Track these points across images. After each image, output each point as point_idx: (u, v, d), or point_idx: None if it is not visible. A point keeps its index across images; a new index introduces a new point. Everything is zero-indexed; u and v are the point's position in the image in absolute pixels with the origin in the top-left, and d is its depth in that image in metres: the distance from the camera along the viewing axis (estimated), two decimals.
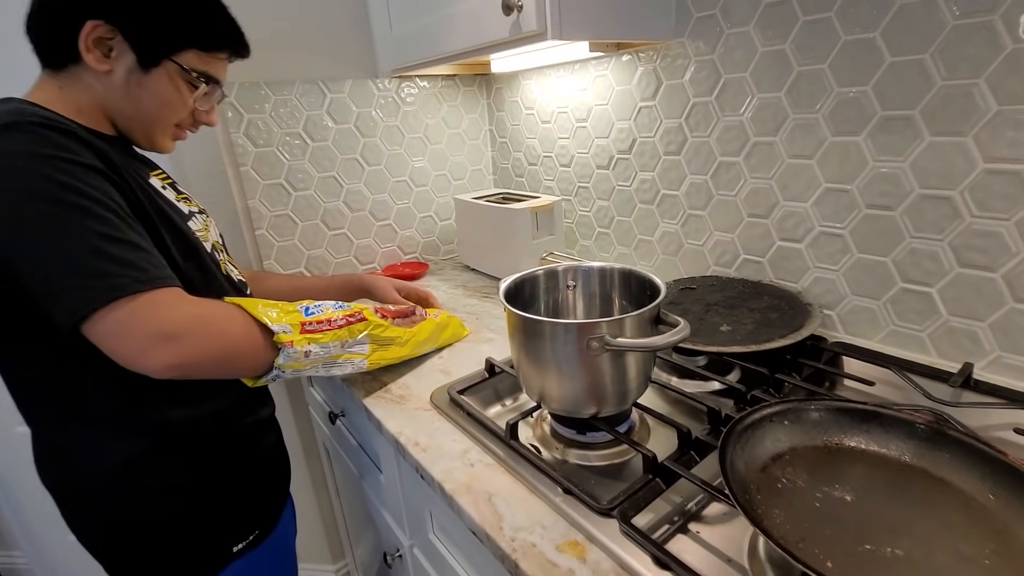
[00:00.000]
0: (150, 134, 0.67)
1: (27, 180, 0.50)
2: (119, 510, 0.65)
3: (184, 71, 0.63)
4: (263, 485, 0.77)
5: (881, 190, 0.77)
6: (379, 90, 1.29)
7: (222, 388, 0.69)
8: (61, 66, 0.60)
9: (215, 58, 0.66)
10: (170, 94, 0.64)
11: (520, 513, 0.55)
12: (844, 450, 0.53)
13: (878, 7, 0.71)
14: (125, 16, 0.58)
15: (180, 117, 0.67)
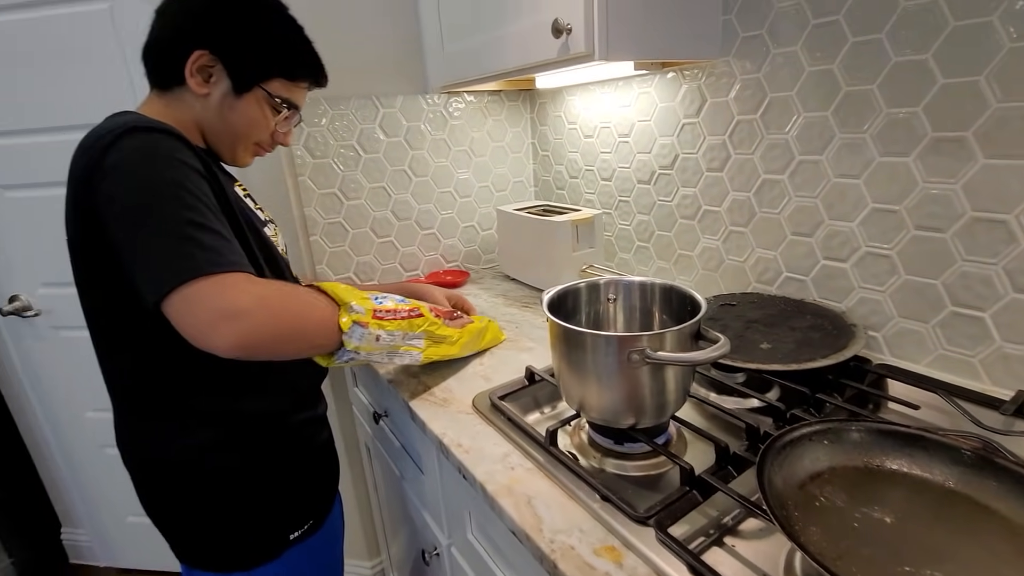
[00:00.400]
0: (234, 150, 0.75)
1: (140, 173, 0.57)
2: (189, 493, 0.71)
3: (270, 97, 0.72)
4: (317, 478, 0.82)
5: (931, 211, 0.76)
6: (428, 105, 1.35)
7: (285, 386, 0.75)
8: (168, 87, 0.70)
9: (297, 86, 0.75)
10: (256, 116, 0.72)
11: (559, 517, 0.58)
12: (885, 472, 0.53)
13: (930, 29, 0.70)
14: (225, 48, 0.67)
15: (262, 137, 0.76)
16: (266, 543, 0.74)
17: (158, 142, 0.59)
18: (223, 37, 0.68)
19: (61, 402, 1.52)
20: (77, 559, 1.77)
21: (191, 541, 0.74)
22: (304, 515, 0.78)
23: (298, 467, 0.78)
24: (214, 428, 0.70)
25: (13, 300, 1.39)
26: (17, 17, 1.17)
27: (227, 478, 0.71)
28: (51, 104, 1.23)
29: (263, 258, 0.71)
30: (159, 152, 0.58)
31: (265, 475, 0.73)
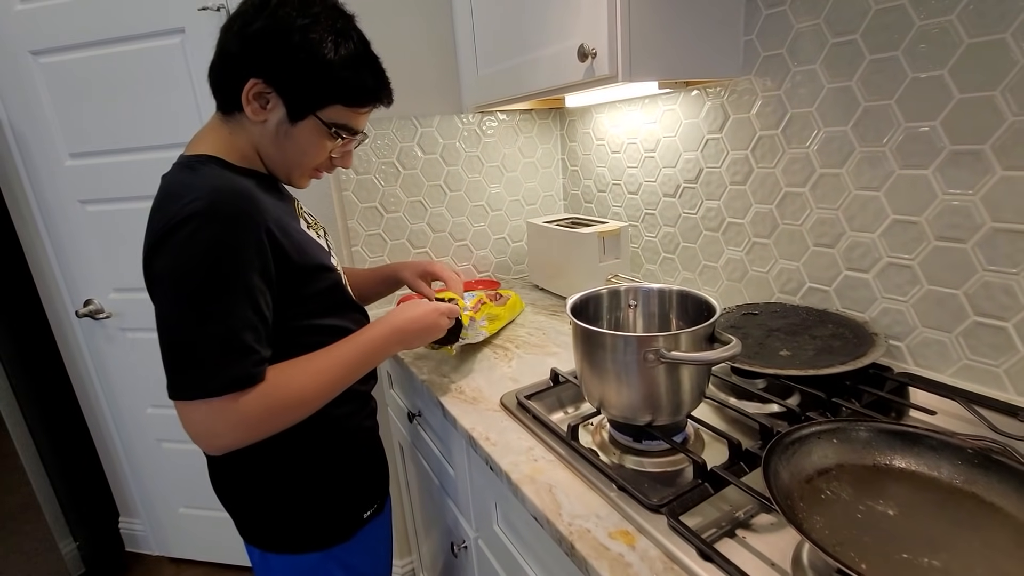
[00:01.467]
0: (290, 174, 0.76)
1: (207, 261, 0.60)
2: (274, 477, 0.76)
3: (325, 125, 0.71)
4: (378, 462, 0.91)
5: (951, 222, 0.77)
6: (463, 124, 1.43)
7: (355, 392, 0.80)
8: (230, 112, 0.72)
9: (357, 112, 0.73)
10: (310, 144, 0.72)
11: (577, 503, 0.62)
12: (893, 470, 0.55)
13: (946, 46, 0.73)
14: (281, 77, 0.67)
15: (318, 163, 0.76)
16: (345, 522, 0.81)
17: (224, 229, 0.61)
18: (277, 66, 0.67)
19: (125, 398, 1.65)
20: (133, 547, 1.89)
21: (267, 523, 0.78)
22: (376, 494, 0.87)
23: (369, 449, 0.86)
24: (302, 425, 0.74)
25: (88, 304, 1.53)
26: (101, 52, 1.32)
27: (313, 460, 0.77)
28: (125, 128, 1.37)
29: (328, 299, 0.75)
30: (223, 243, 0.60)
31: (346, 458, 0.81)
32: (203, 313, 0.60)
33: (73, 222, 1.48)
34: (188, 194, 0.61)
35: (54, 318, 1.63)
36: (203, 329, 0.60)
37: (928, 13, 0.74)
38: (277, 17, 0.66)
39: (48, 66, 1.36)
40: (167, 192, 0.65)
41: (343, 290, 0.80)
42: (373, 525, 0.86)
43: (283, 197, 0.79)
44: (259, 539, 0.80)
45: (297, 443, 0.75)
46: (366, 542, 0.84)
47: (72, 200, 1.47)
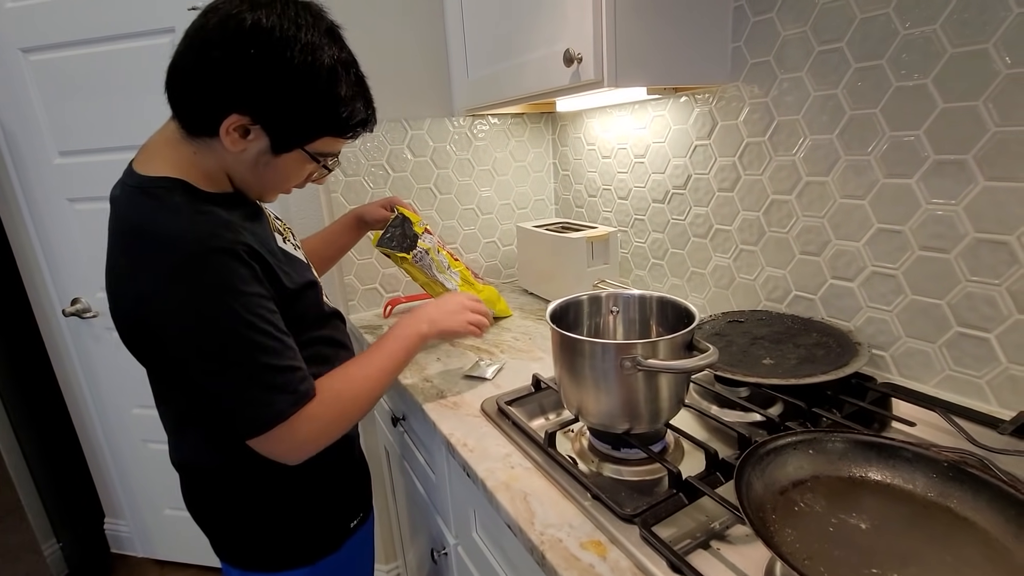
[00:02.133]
0: (263, 196, 0.73)
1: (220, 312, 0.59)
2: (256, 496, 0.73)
3: (310, 155, 0.66)
4: (364, 470, 0.90)
5: (935, 232, 0.77)
6: (454, 127, 1.43)
7: None
8: (197, 135, 0.63)
9: (342, 140, 0.69)
10: (292, 171, 0.69)
11: (551, 512, 0.61)
12: (868, 482, 0.55)
13: (929, 55, 0.73)
14: (268, 113, 0.61)
15: (295, 184, 0.73)
16: (331, 534, 0.80)
17: (219, 273, 0.59)
18: (267, 103, 0.60)
19: (111, 398, 1.64)
20: (118, 549, 1.88)
21: (251, 543, 0.75)
22: (361, 502, 0.86)
23: (352, 458, 0.85)
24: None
25: (75, 302, 1.52)
26: (91, 51, 1.32)
27: (296, 473, 0.71)
28: (115, 126, 1.37)
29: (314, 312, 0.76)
30: (223, 287, 0.59)
31: (330, 468, 0.79)
32: (239, 358, 0.60)
33: (61, 220, 1.48)
34: (166, 241, 0.58)
35: (41, 317, 1.62)
36: (245, 370, 0.61)
37: (912, 22, 0.74)
38: (268, 45, 0.57)
39: (38, 64, 1.36)
40: (136, 229, 0.61)
41: (323, 300, 0.80)
42: (360, 534, 0.84)
43: (256, 214, 0.73)
44: (240, 558, 0.77)
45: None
46: (353, 552, 0.83)
47: (61, 198, 1.46)
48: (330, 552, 0.79)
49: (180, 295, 0.58)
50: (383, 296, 1.44)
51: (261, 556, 0.76)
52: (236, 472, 0.72)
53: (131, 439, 1.67)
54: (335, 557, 0.80)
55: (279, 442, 0.64)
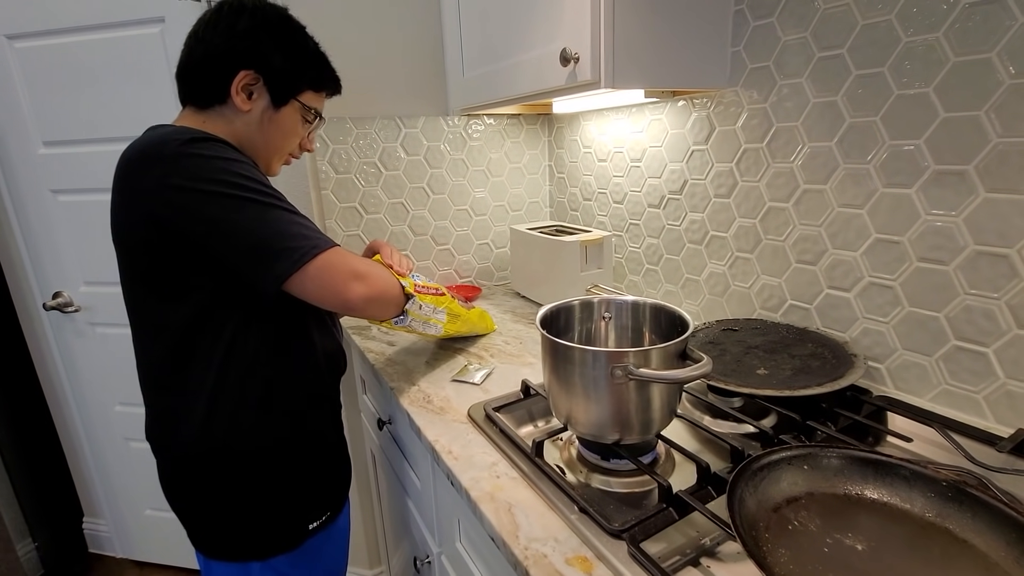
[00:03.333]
0: (269, 159, 0.81)
1: (228, 177, 0.65)
2: (217, 479, 0.74)
3: (304, 108, 0.79)
4: (335, 470, 0.87)
5: (934, 243, 0.75)
6: (448, 126, 1.41)
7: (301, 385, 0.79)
8: (207, 105, 0.75)
9: (320, 96, 0.83)
10: (291, 127, 0.80)
11: (537, 525, 0.59)
12: (864, 501, 0.53)
13: (931, 64, 0.71)
14: (267, 66, 0.74)
15: (294, 145, 0.83)
16: (287, 532, 0.78)
17: (226, 148, 0.68)
18: (267, 56, 0.74)
19: (93, 395, 1.60)
20: (96, 549, 1.83)
21: (212, 530, 0.77)
22: (324, 505, 0.82)
23: (319, 458, 0.82)
24: (247, 411, 0.73)
25: (56, 296, 1.49)
26: (79, 39, 1.29)
27: (257, 462, 0.74)
28: (102, 117, 1.34)
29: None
30: (233, 156, 0.68)
31: (292, 463, 0.77)
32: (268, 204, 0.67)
33: (44, 212, 1.44)
34: (182, 133, 0.66)
35: (22, 310, 1.58)
36: (279, 214, 0.67)
37: (915, 30, 0.72)
38: (261, 16, 0.74)
39: (23, 51, 1.32)
40: (152, 139, 0.66)
41: None
42: (321, 537, 0.82)
43: None
44: (204, 544, 0.78)
45: (247, 445, 0.73)
46: (311, 554, 0.81)
47: (44, 189, 1.42)
48: (285, 550, 0.78)
49: (204, 152, 0.65)
50: None
51: (220, 544, 0.77)
52: (205, 450, 0.73)
53: (113, 437, 1.63)
54: (290, 556, 0.78)
55: (332, 270, 0.68)
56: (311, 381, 0.80)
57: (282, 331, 0.76)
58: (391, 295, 0.80)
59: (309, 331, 0.79)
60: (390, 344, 1.14)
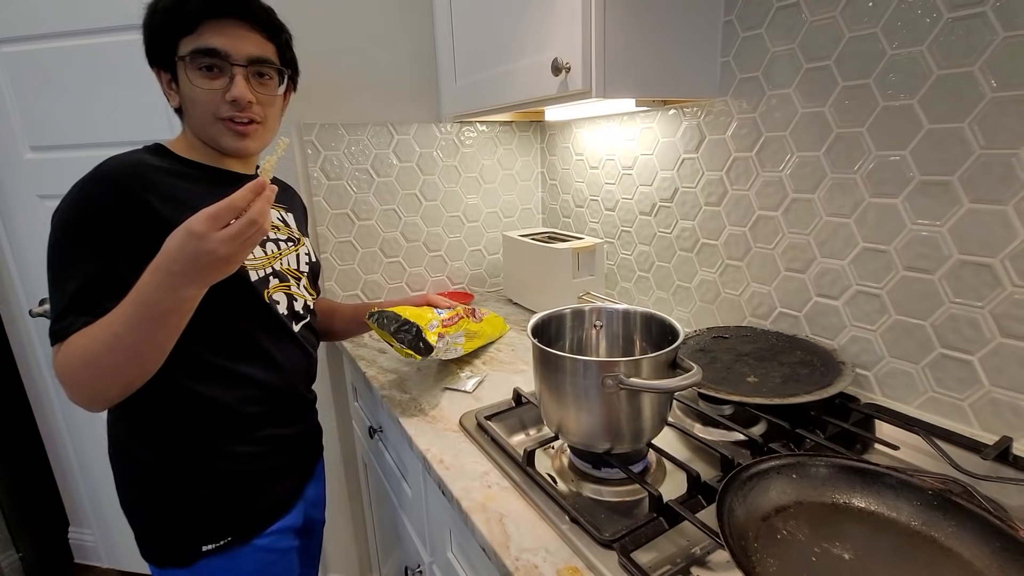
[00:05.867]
0: (213, 137, 0.75)
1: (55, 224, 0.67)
2: (127, 485, 0.78)
3: (183, 60, 0.70)
4: (244, 498, 0.79)
5: (919, 253, 0.76)
6: (441, 133, 1.41)
7: (214, 404, 0.74)
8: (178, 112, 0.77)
9: (202, 32, 0.69)
10: (194, 89, 0.71)
11: (528, 536, 0.59)
12: (852, 510, 0.53)
13: (916, 76, 0.72)
14: (149, 52, 0.74)
15: (216, 106, 0.72)
16: (180, 548, 0.75)
17: (88, 191, 0.67)
18: (146, 45, 0.74)
19: None
20: (82, 559, 1.80)
21: (134, 531, 0.78)
22: (222, 530, 0.77)
23: (223, 482, 0.77)
24: (147, 424, 0.74)
25: (43, 303, 1.47)
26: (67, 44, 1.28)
27: (152, 475, 0.74)
28: (90, 122, 1.32)
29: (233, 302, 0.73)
30: (83, 200, 0.66)
31: (187, 481, 0.75)
32: (57, 266, 0.66)
33: (31, 217, 1.42)
34: (100, 165, 0.69)
35: (7, 317, 1.56)
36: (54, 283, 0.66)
37: (900, 43, 0.74)
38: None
39: (10, 55, 1.31)
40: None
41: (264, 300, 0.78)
42: (221, 563, 0.77)
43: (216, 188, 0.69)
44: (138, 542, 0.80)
45: (142, 456, 0.75)
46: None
47: (31, 194, 1.41)
48: (179, 566, 0.76)
49: (64, 199, 0.67)
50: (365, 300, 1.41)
51: (141, 545, 0.78)
52: (113, 453, 0.78)
53: (99, 446, 1.60)
54: (182, 573, 0.76)
55: (53, 361, 0.65)
56: (210, 417, 0.75)
57: (193, 361, 0.72)
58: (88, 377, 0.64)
59: (221, 367, 0.74)
60: (381, 351, 1.13)
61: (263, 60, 0.74)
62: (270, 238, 0.83)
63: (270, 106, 0.78)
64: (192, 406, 0.74)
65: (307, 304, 0.89)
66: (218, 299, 0.67)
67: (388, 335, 0.90)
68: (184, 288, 0.59)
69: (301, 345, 0.85)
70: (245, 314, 0.76)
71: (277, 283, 0.82)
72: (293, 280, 0.86)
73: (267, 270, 0.80)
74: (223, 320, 0.73)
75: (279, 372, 0.80)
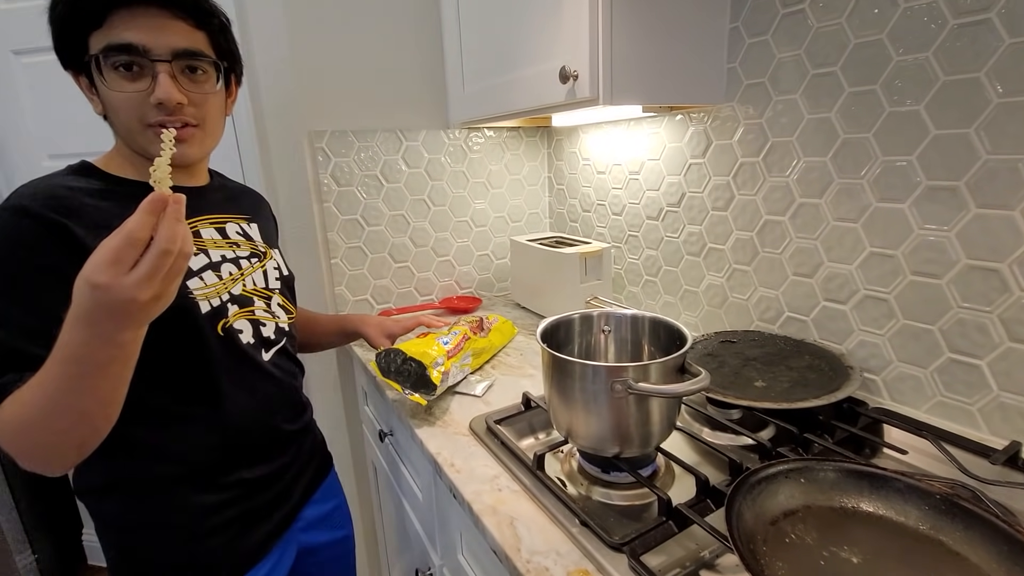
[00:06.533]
0: (144, 147, 0.65)
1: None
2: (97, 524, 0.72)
3: (96, 60, 0.60)
4: (199, 551, 0.71)
5: (927, 257, 0.77)
6: (449, 139, 1.43)
7: (169, 454, 0.68)
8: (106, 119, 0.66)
9: (111, 25, 0.60)
10: (110, 95, 0.62)
11: (538, 539, 0.60)
12: (860, 514, 0.54)
13: (922, 82, 0.73)
14: (57, 52, 0.63)
15: (141, 111, 0.62)
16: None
17: (5, 229, 0.57)
18: (53, 42, 0.63)
19: None
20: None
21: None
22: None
23: (178, 534, 0.69)
24: (94, 473, 0.68)
25: None
26: None
27: (108, 520, 0.69)
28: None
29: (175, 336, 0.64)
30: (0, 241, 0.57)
31: (143, 535, 0.69)
32: None
33: None
34: (20, 189, 0.61)
35: None
36: None
37: (906, 49, 0.74)
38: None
39: (30, 66, 1.34)
40: None
41: (186, 316, 0.66)
42: None
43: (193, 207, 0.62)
44: None
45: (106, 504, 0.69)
46: None
47: None
48: None
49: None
50: (374, 308, 1.42)
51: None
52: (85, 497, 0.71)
53: None
54: None
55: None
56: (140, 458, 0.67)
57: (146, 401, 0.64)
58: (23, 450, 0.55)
59: (168, 411, 0.67)
60: None
61: (192, 52, 0.63)
62: (227, 258, 0.73)
63: (206, 105, 0.66)
64: (136, 456, 0.66)
65: (279, 327, 0.79)
66: (159, 337, 0.55)
67: (390, 380, 0.91)
68: (118, 333, 0.48)
69: (271, 375, 0.76)
70: (194, 351, 0.67)
71: (237, 310, 0.72)
72: (262, 301, 0.77)
73: (223, 297, 0.70)
74: (167, 360, 0.64)
75: (244, 410, 0.72)
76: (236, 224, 0.78)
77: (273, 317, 0.79)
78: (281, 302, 0.81)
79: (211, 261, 0.71)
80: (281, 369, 0.79)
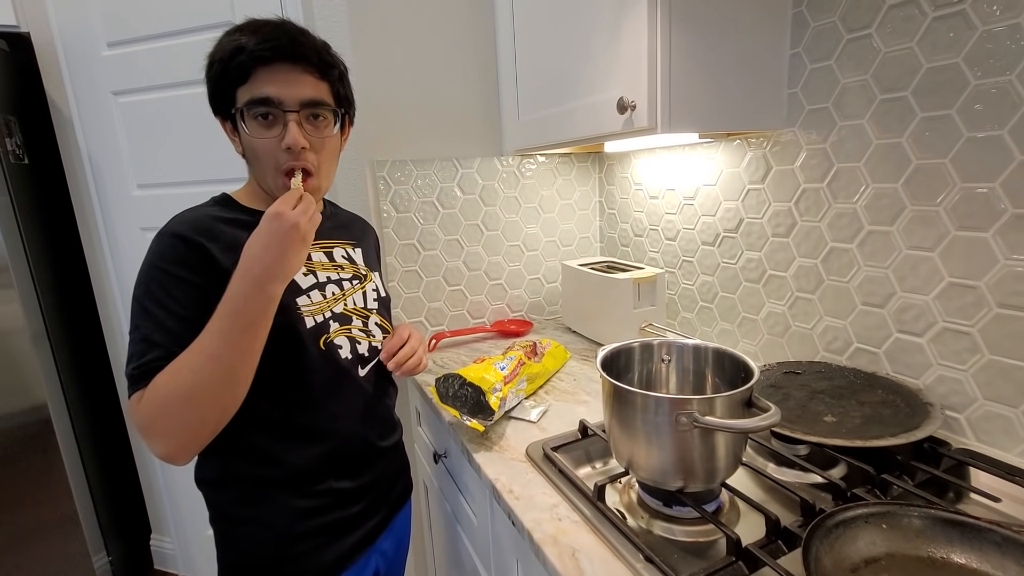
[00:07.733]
0: (272, 190, 0.75)
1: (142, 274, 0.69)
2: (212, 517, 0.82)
3: (241, 112, 0.70)
4: (286, 552, 0.77)
5: (1014, 289, 0.72)
6: (502, 166, 1.46)
7: (272, 458, 0.75)
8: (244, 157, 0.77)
9: (255, 81, 0.69)
10: (250, 140, 0.72)
11: (601, 572, 0.59)
12: (951, 566, 0.50)
13: (1004, 107, 0.70)
14: (211, 103, 0.74)
15: (275, 157, 0.72)
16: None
17: (162, 248, 0.69)
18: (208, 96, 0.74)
19: None
20: (161, 566, 1.92)
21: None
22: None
23: (273, 535, 0.76)
24: (212, 467, 0.78)
25: None
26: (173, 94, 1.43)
27: (218, 509, 0.78)
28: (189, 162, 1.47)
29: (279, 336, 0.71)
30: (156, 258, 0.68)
31: (246, 528, 0.76)
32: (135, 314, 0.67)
33: (134, 248, 1.58)
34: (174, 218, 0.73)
35: (110, 337, 1.72)
36: (133, 332, 0.67)
37: (984, 72, 0.71)
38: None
39: (126, 105, 1.48)
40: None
41: (292, 330, 0.74)
42: None
43: None
44: None
45: (217, 492, 0.79)
46: None
47: (135, 227, 1.57)
48: None
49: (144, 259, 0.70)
50: (428, 330, 1.46)
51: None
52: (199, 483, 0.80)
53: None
54: None
55: (131, 412, 0.65)
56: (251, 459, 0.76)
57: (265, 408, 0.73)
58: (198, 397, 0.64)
59: (273, 418, 0.75)
60: None
61: (316, 102, 0.72)
62: (331, 279, 0.81)
63: (324, 150, 0.75)
64: (246, 457, 0.74)
65: (372, 345, 0.85)
66: (269, 346, 0.67)
67: (447, 405, 0.94)
68: (269, 285, 0.64)
69: (366, 391, 0.83)
70: (298, 362, 0.74)
71: (338, 327, 0.79)
72: (360, 320, 0.84)
73: (326, 314, 0.78)
74: (275, 369, 0.71)
75: (338, 422, 0.79)
76: (343, 249, 0.87)
77: (368, 336, 0.85)
78: (379, 321, 0.88)
79: (318, 281, 0.80)
80: (376, 386, 0.85)
